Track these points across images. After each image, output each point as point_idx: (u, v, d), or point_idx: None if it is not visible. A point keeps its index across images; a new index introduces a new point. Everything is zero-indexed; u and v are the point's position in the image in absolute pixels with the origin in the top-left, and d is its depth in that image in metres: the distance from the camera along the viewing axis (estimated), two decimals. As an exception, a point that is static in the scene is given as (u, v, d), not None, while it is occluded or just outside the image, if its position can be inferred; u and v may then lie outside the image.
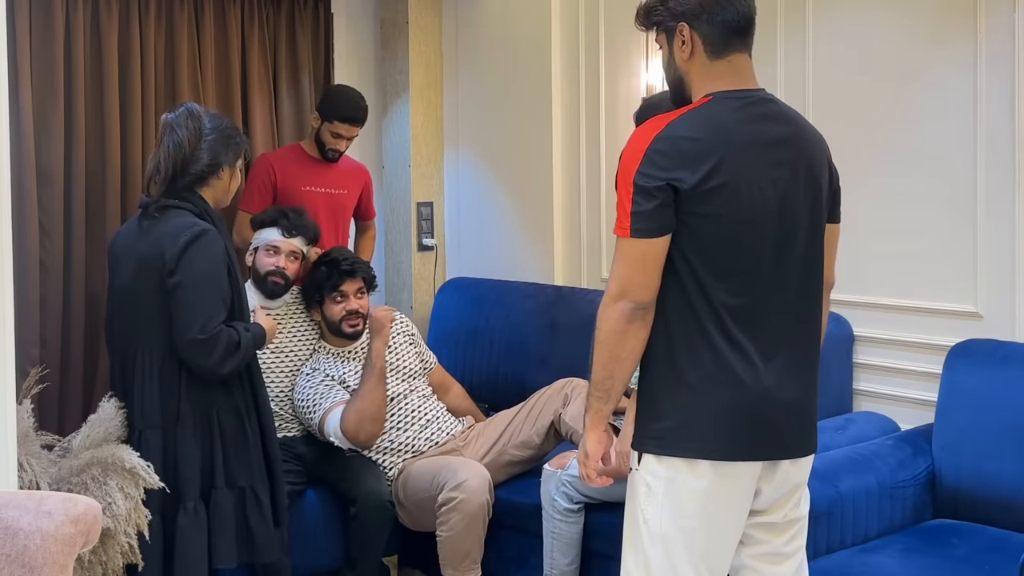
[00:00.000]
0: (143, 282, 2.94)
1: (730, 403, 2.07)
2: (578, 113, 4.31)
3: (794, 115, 2.20)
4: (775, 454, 2.13)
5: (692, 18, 2.12)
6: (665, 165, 2.02)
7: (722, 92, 2.11)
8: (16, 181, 3.50)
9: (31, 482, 2.80)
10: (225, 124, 3.08)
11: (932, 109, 3.30)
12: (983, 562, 2.74)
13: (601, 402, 2.14)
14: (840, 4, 3.51)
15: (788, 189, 2.10)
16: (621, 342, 2.07)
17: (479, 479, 3.38)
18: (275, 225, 3.68)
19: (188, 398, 2.93)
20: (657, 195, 2.02)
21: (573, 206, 4.36)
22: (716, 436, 2.07)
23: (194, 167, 2.97)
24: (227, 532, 2.95)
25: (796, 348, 2.14)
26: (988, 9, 3.15)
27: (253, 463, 3.01)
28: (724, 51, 2.12)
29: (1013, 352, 3.05)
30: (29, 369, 3.18)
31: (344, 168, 4.23)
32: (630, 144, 2.10)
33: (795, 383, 2.13)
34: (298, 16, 4.53)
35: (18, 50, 3.68)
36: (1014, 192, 3.12)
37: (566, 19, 4.33)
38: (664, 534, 2.11)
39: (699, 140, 2.04)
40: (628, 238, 2.05)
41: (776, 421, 2.11)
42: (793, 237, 2.11)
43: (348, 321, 3.71)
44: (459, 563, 3.38)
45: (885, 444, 3.16)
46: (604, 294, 2.10)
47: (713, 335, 2.05)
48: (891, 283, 3.42)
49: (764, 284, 2.09)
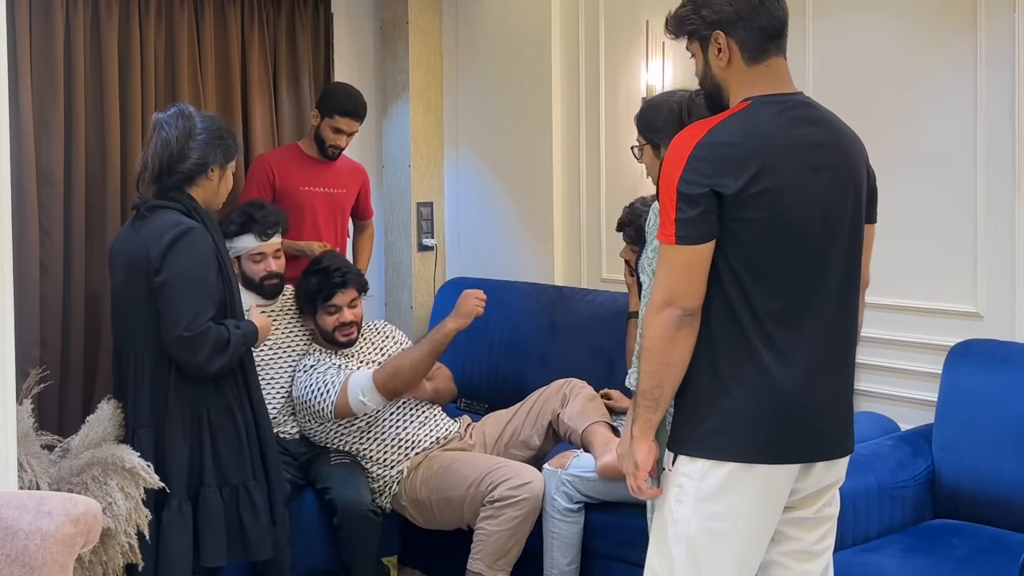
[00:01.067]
0: (132, 283, 2.95)
1: (769, 407, 2.07)
2: (578, 113, 4.31)
3: (832, 118, 2.20)
4: (812, 456, 2.14)
5: (728, 25, 2.11)
6: (708, 171, 2.02)
7: (761, 96, 2.11)
8: (16, 181, 3.50)
9: (31, 482, 2.80)
10: (217, 125, 3.06)
11: (932, 110, 3.30)
12: (983, 562, 2.74)
13: (650, 411, 2.12)
14: (840, 6, 3.51)
15: (830, 192, 2.10)
16: (670, 349, 2.06)
17: (541, 484, 3.33)
18: (248, 232, 3.63)
19: (178, 396, 2.93)
20: (701, 201, 2.02)
21: (573, 206, 4.36)
22: (754, 440, 2.08)
23: (182, 165, 2.96)
24: (216, 530, 2.93)
25: (834, 349, 2.15)
26: (988, 11, 3.15)
27: (246, 460, 3.00)
28: (762, 56, 2.12)
29: (1013, 352, 3.05)
30: (29, 369, 3.18)
31: (342, 167, 4.23)
32: (671, 151, 2.09)
33: (832, 384, 2.15)
34: (298, 16, 4.53)
35: (18, 50, 3.68)
36: (1014, 192, 3.13)
37: (566, 19, 4.33)
38: (691, 536, 2.11)
39: (741, 145, 2.04)
40: (674, 245, 2.05)
41: (813, 424, 2.11)
42: (835, 240, 2.12)
43: (341, 331, 3.68)
44: (494, 561, 3.31)
45: (885, 444, 3.16)
46: (649, 302, 2.09)
47: (754, 340, 2.06)
48: (891, 283, 3.41)
49: (806, 287, 2.09)
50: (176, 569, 2.90)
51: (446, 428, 3.74)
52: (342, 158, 4.22)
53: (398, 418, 3.68)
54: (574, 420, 3.42)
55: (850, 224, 2.15)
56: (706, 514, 2.10)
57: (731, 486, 2.08)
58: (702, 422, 2.10)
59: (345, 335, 3.69)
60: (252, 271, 3.64)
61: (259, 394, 3.10)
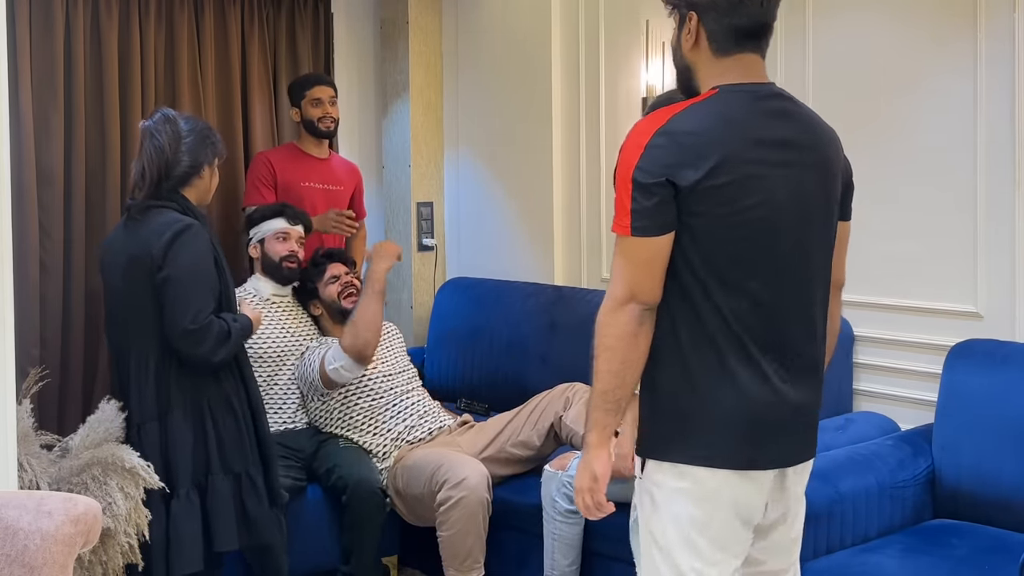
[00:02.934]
0: (133, 281, 3.01)
1: (735, 410, 1.98)
2: (578, 113, 4.31)
3: (805, 111, 2.10)
4: (781, 462, 2.06)
5: (702, 11, 2.03)
6: (665, 161, 1.92)
7: (730, 85, 2.01)
8: (16, 181, 3.50)
9: (31, 482, 2.81)
10: (200, 125, 3.17)
11: (932, 110, 3.29)
12: (983, 562, 2.74)
13: (610, 414, 2.01)
14: (840, 6, 3.51)
15: (799, 189, 2.01)
16: (633, 346, 1.97)
17: (478, 476, 3.38)
18: (281, 215, 3.80)
19: (180, 389, 3.01)
20: (657, 191, 1.92)
21: (573, 206, 4.36)
22: (721, 444, 1.99)
23: (177, 170, 3.06)
24: (226, 516, 3.03)
25: (802, 350, 2.06)
26: (988, 11, 3.14)
27: (246, 448, 3.10)
28: (730, 51, 2.02)
29: (1013, 352, 3.05)
30: (29, 369, 3.19)
31: (339, 165, 4.31)
32: (629, 138, 2.00)
33: (800, 386, 2.05)
34: (298, 16, 4.53)
35: (18, 50, 3.68)
36: (1014, 192, 3.12)
37: (566, 19, 4.33)
38: (668, 545, 2.02)
39: (701, 135, 1.94)
40: (629, 236, 1.95)
41: (782, 428, 2.03)
42: (803, 237, 2.03)
43: (346, 297, 3.83)
44: (460, 563, 3.36)
45: (885, 444, 3.16)
46: (606, 297, 1.99)
47: (718, 339, 1.97)
48: (891, 283, 3.41)
49: (772, 286, 2.00)
50: (187, 557, 2.96)
51: (440, 422, 3.77)
52: (338, 157, 4.26)
53: (398, 410, 3.74)
54: (576, 423, 3.42)
55: (822, 222, 2.07)
56: (678, 521, 2.01)
57: (704, 493, 1.99)
58: (670, 426, 2.02)
59: (350, 299, 3.84)
60: (275, 250, 3.77)
61: (255, 386, 3.20)
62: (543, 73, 4.38)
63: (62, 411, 3.80)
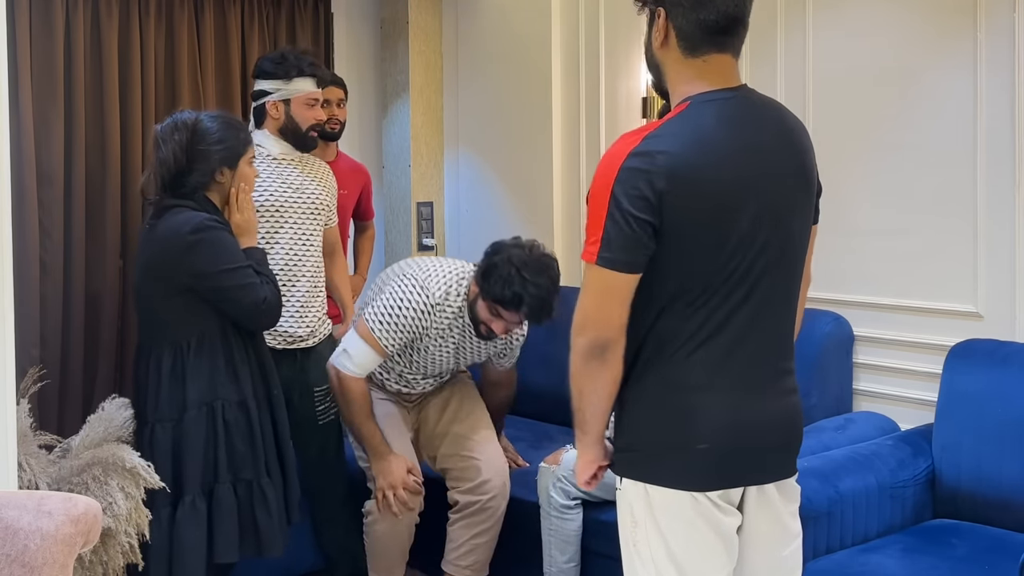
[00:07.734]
0: (151, 282, 2.98)
1: (705, 429, 1.94)
2: (578, 113, 4.31)
3: (778, 114, 2.04)
4: (755, 480, 2.02)
5: (669, 7, 1.97)
6: (641, 185, 1.86)
7: (700, 95, 1.95)
8: (16, 181, 3.50)
9: (30, 482, 2.80)
10: (217, 127, 3.02)
11: (932, 108, 3.30)
12: (983, 562, 2.74)
13: (581, 431, 2.04)
14: (840, 4, 3.51)
15: (777, 199, 1.96)
16: (583, 378, 1.98)
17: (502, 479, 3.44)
18: (310, 76, 3.52)
19: (195, 390, 2.94)
20: (630, 220, 1.86)
21: (573, 206, 4.36)
22: (692, 464, 1.95)
23: (188, 179, 2.97)
24: (229, 526, 2.95)
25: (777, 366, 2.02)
26: (988, 9, 3.15)
27: (260, 457, 3.00)
28: (699, 50, 1.96)
29: (1013, 352, 3.05)
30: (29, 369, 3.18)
31: (344, 168, 4.21)
32: (603, 161, 1.93)
33: (774, 403, 2.01)
34: (298, 16, 4.53)
35: (18, 50, 3.68)
36: (1014, 192, 3.12)
37: (566, 19, 4.33)
38: (652, 558, 2.00)
39: (679, 155, 1.87)
40: (594, 266, 1.90)
41: (755, 444, 1.98)
42: (784, 248, 1.98)
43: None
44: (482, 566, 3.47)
45: (885, 444, 3.16)
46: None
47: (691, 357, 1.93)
48: (891, 283, 3.42)
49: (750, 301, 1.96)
50: (188, 564, 2.92)
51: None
52: (344, 158, 4.21)
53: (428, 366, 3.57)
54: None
55: (799, 230, 2.03)
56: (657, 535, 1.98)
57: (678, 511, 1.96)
58: (635, 444, 2.00)
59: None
60: (303, 116, 3.50)
61: (278, 392, 3.11)
62: (543, 73, 4.38)
63: (62, 411, 3.80)
